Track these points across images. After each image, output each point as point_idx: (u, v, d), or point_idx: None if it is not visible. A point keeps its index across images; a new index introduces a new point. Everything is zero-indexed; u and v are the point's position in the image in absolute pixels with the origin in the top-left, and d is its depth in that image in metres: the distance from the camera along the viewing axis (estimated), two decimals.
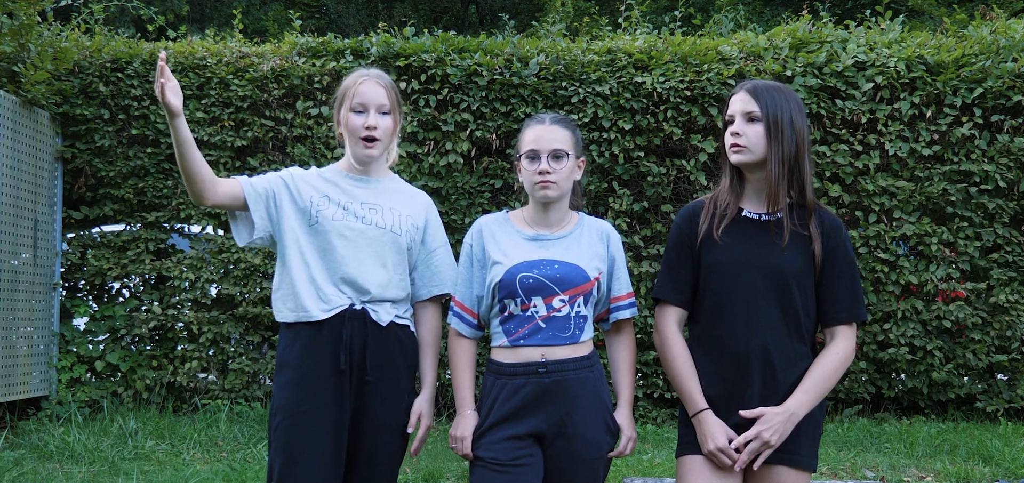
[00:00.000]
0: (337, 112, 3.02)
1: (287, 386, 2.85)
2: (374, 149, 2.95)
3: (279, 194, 2.94)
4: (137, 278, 6.90)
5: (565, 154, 2.80)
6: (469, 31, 16.06)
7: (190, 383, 6.73)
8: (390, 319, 2.90)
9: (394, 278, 2.92)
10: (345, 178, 3.00)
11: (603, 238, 2.89)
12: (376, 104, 2.94)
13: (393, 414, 2.90)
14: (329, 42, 6.83)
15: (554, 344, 2.76)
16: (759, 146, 2.65)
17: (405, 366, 2.94)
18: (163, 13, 8.99)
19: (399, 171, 6.53)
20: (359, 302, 2.86)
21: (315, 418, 2.81)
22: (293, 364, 2.86)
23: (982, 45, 6.53)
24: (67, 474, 5.20)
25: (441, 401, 6.78)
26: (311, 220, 2.90)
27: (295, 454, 2.80)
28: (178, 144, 2.78)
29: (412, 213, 3.02)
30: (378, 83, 2.97)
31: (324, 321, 2.84)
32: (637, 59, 6.60)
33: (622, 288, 2.89)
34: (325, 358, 2.83)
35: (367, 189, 2.99)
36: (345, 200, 2.94)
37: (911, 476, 5.15)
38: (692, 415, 2.70)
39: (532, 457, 2.75)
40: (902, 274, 6.43)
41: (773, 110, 2.64)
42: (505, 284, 2.77)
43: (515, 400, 2.75)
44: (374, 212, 2.94)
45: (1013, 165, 6.42)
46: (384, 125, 2.96)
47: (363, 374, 2.84)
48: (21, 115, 6.34)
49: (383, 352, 2.87)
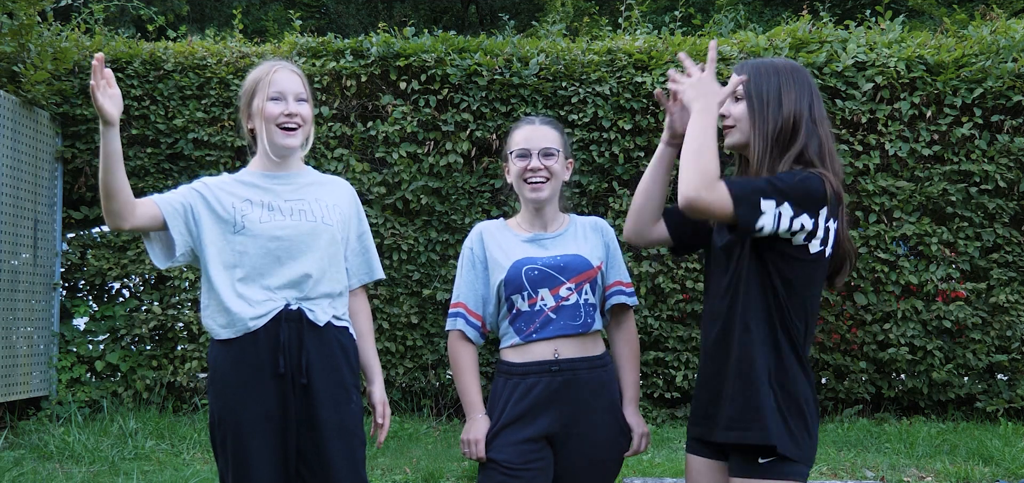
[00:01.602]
0: (247, 107, 2.86)
1: (224, 395, 2.74)
2: (295, 138, 2.81)
3: (196, 207, 2.77)
4: (137, 278, 6.91)
5: (555, 152, 2.82)
6: (469, 31, 16.07)
7: (190, 383, 6.73)
8: (327, 319, 2.78)
9: (329, 271, 2.80)
10: (264, 178, 2.84)
11: (597, 230, 2.91)
12: (294, 92, 2.82)
13: (342, 417, 2.77)
14: (329, 42, 6.83)
15: (566, 334, 2.75)
16: (743, 124, 2.50)
17: (348, 368, 2.82)
18: (163, 13, 9.00)
19: (399, 171, 6.57)
20: (294, 301, 2.74)
21: (259, 424, 2.70)
22: (228, 371, 2.74)
23: (982, 45, 6.53)
24: (67, 474, 5.20)
25: (441, 401, 6.78)
26: (236, 227, 2.75)
27: (245, 464, 2.70)
28: (107, 157, 2.57)
29: (337, 202, 2.89)
30: (293, 72, 2.86)
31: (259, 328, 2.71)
32: (637, 59, 6.60)
33: (619, 274, 2.89)
34: (262, 362, 2.71)
35: (289, 185, 2.85)
36: (269, 199, 2.80)
37: (911, 476, 5.15)
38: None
39: (543, 459, 2.74)
40: (902, 274, 6.43)
41: (757, 86, 2.48)
42: (511, 279, 2.77)
43: (527, 401, 2.74)
44: (301, 206, 2.81)
45: (1013, 165, 6.42)
46: (304, 112, 2.83)
47: (300, 376, 2.72)
48: (21, 115, 6.34)
49: (321, 354, 2.75)
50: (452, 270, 6.51)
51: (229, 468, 2.74)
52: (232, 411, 2.72)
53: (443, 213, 6.62)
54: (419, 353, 6.63)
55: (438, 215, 6.62)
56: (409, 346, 6.64)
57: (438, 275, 6.59)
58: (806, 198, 2.35)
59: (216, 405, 2.77)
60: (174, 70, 6.74)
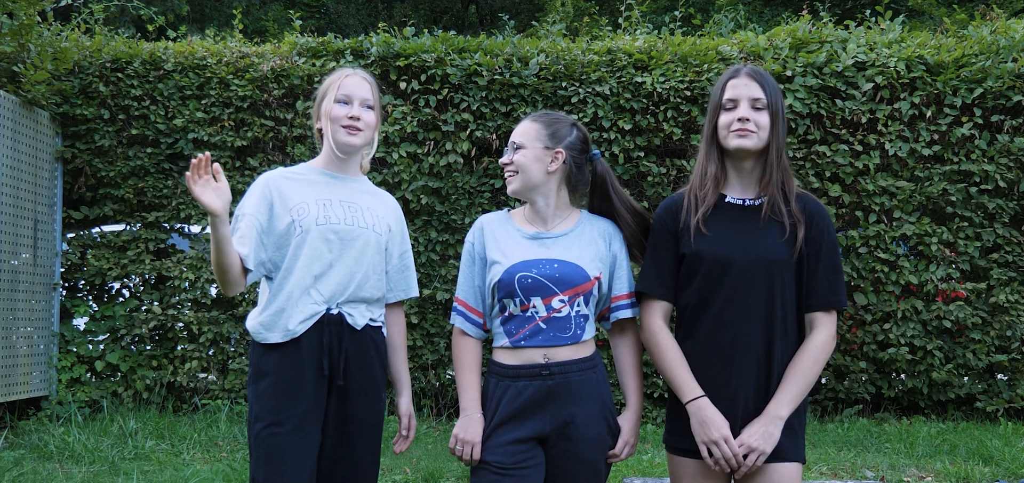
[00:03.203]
0: (318, 107, 2.99)
1: (267, 394, 2.82)
2: (357, 138, 2.93)
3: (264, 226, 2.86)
4: (137, 278, 6.91)
5: (522, 145, 2.82)
6: (469, 31, 16.07)
7: (190, 383, 6.73)
8: (365, 322, 2.89)
9: (371, 277, 2.91)
10: (324, 175, 2.97)
11: (605, 237, 2.86)
12: (361, 98, 2.93)
13: (372, 413, 2.91)
14: (329, 42, 6.83)
15: (556, 345, 2.74)
16: (765, 133, 2.69)
17: (379, 365, 2.94)
18: (163, 13, 9.00)
19: (400, 171, 6.57)
20: (335, 305, 2.84)
21: (296, 427, 2.79)
22: (272, 371, 2.82)
23: (982, 45, 6.53)
24: (67, 474, 5.20)
25: (441, 401, 6.78)
26: (295, 229, 2.85)
27: (278, 464, 2.77)
28: (218, 243, 2.72)
29: (384, 214, 3.01)
30: (364, 79, 2.97)
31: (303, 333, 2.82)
32: (637, 59, 6.60)
33: (623, 287, 2.86)
34: (305, 365, 2.81)
35: (345, 187, 2.97)
36: (325, 199, 2.91)
37: (911, 476, 5.15)
38: (687, 402, 2.66)
39: (535, 459, 2.74)
40: (902, 274, 6.43)
41: (775, 98, 2.71)
42: (504, 284, 2.76)
43: (519, 402, 2.74)
44: (354, 211, 2.92)
45: (1013, 165, 6.42)
46: (368, 118, 2.95)
47: (338, 378, 2.83)
48: (21, 115, 6.34)
49: (359, 356, 2.87)
50: (452, 270, 6.51)
51: (261, 466, 2.80)
52: (272, 411, 2.81)
53: (443, 213, 6.62)
54: (419, 353, 6.63)
55: (438, 215, 6.62)
56: (409, 346, 6.64)
57: (438, 275, 6.59)
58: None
59: (256, 404, 2.85)
60: (174, 70, 6.74)
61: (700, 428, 2.63)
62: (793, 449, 2.65)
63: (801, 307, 2.68)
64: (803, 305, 2.68)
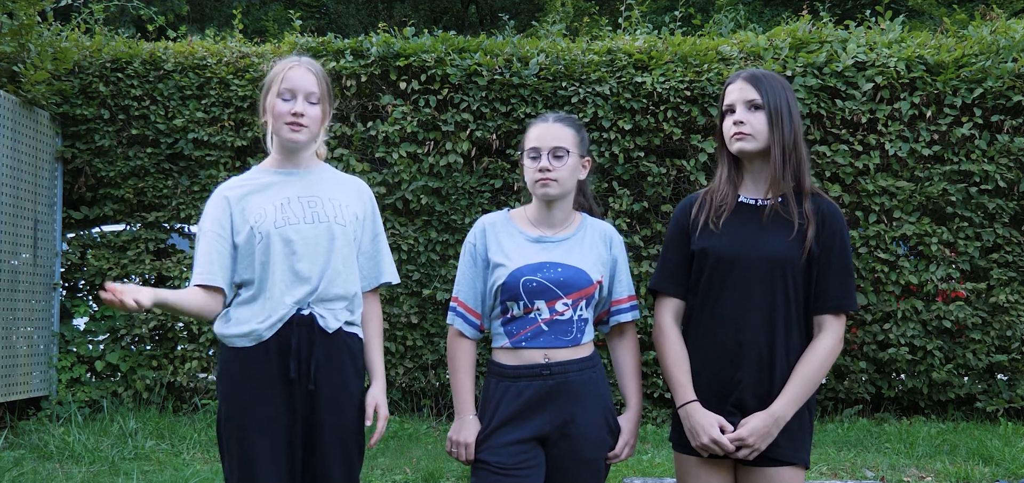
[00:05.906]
0: (263, 100, 2.87)
1: (234, 396, 2.76)
2: (301, 134, 2.80)
3: (226, 240, 2.79)
4: (137, 278, 6.90)
5: (565, 152, 2.77)
6: (469, 31, 16.07)
7: (190, 383, 6.73)
8: (338, 325, 2.79)
9: (342, 272, 2.80)
10: (276, 175, 2.87)
11: (606, 241, 2.86)
12: (305, 91, 2.80)
13: (344, 422, 2.80)
14: (329, 42, 6.83)
15: (556, 346, 2.75)
16: (762, 134, 2.67)
17: (354, 372, 2.83)
18: (163, 13, 9.00)
19: (399, 171, 6.57)
20: (306, 305, 2.75)
21: (266, 428, 2.72)
22: (238, 373, 2.76)
23: (982, 45, 6.53)
24: (67, 474, 5.20)
25: (441, 401, 6.78)
26: (255, 237, 2.77)
27: (251, 466, 2.72)
28: (174, 308, 2.70)
29: (349, 203, 2.88)
30: (309, 70, 2.83)
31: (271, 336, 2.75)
32: (637, 59, 6.60)
33: (623, 291, 2.87)
34: (272, 368, 2.73)
35: (301, 181, 2.85)
36: (282, 199, 2.81)
37: (911, 476, 5.15)
38: (679, 406, 2.69)
39: (535, 459, 2.74)
40: (902, 274, 6.43)
41: (774, 98, 2.68)
42: (508, 287, 2.75)
43: (519, 402, 2.74)
44: (314, 205, 2.81)
45: (1013, 165, 6.42)
46: (312, 113, 2.82)
47: (309, 382, 2.73)
48: (21, 115, 6.34)
49: (330, 360, 2.77)
50: (452, 270, 6.51)
51: (234, 469, 2.76)
52: (240, 413, 2.75)
53: (443, 213, 6.62)
54: (419, 353, 6.63)
55: (438, 215, 6.62)
56: (409, 346, 6.64)
57: (438, 275, 6.59)
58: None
59: (224, 407, 2.79)
60: (174, 70, 6.74)
61: (690, 434, 2.67)
62: (792, 452, 2.65)
63: (809, 308, 2.68)
64: (812, 307, 2.67)
